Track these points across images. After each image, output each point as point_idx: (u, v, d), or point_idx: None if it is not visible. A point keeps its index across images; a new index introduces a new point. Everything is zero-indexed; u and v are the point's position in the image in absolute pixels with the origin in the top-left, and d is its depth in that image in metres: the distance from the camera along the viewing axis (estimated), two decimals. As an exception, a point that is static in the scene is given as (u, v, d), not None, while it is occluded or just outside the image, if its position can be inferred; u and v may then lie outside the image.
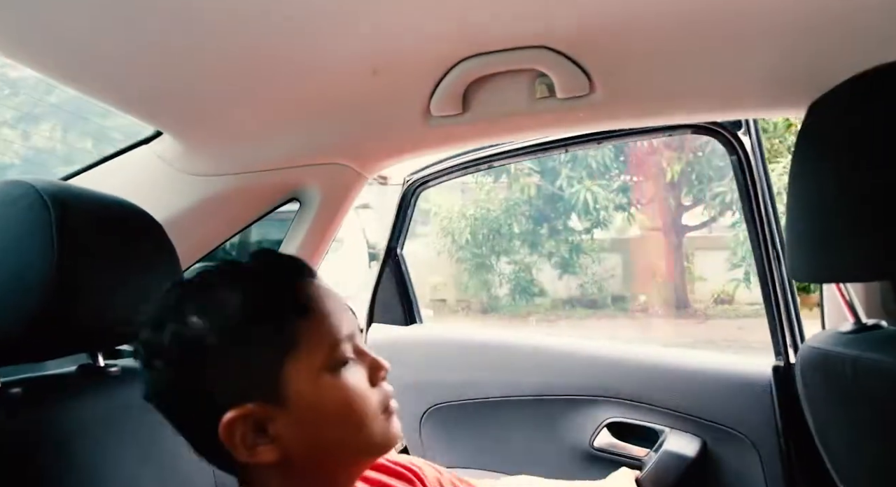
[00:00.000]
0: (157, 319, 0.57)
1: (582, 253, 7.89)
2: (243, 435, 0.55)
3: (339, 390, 0.57)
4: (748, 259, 6.51)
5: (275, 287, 0.58)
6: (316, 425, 0.56)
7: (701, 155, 6.86)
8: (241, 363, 0.55)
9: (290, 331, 0.56)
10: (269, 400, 0.55)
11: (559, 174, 7.10)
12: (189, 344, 0.55)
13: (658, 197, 7.24)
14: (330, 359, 0.57)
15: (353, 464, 0.62)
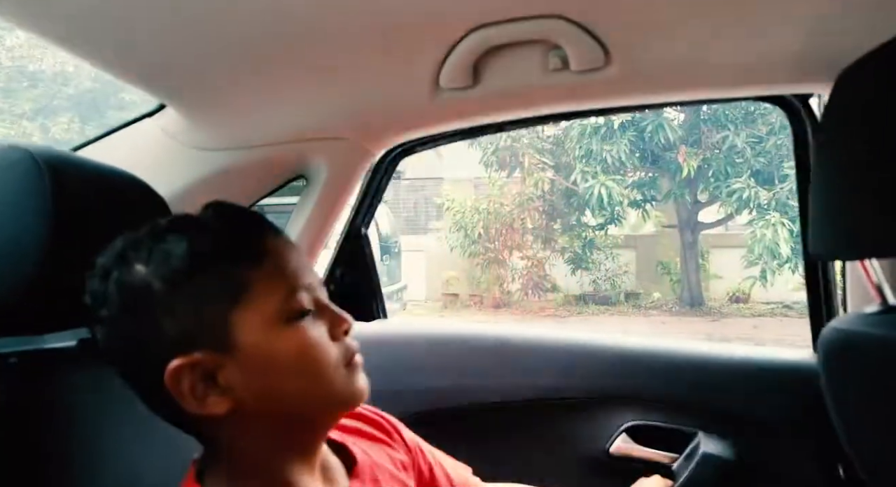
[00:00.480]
0: (103, 268, 0.55)
1: (595, 249, 7.84)
2: (191, 385, 0.52)
3: (293, 340, 0.55)
4: (764, 257, 6.43)
5: (224, 234, 0.56)
6: (268, 375, 0.54)
7: (718, 151, 6.78)
8: (186, 310, 0.53)
9: (240, 278, 0.54)
10: (217, 348, 0.53)
11: (573, 168, 7.05)
12: (133, 291, 0.53)
13: (674, 193, 7.16)
14: (284, 308, 0.54)
15: (316, 419, 0.59)
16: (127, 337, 0.54)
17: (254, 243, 0.56)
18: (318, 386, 0.56)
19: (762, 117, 6.70)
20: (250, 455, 0.57)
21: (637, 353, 1.16)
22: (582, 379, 1.14)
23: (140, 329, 0.53)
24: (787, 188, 6.34)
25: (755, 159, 6.57)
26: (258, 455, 0.57)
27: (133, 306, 0.53)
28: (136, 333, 0.54)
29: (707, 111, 6.96)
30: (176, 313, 0.53)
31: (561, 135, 7.35)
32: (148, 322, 0.53)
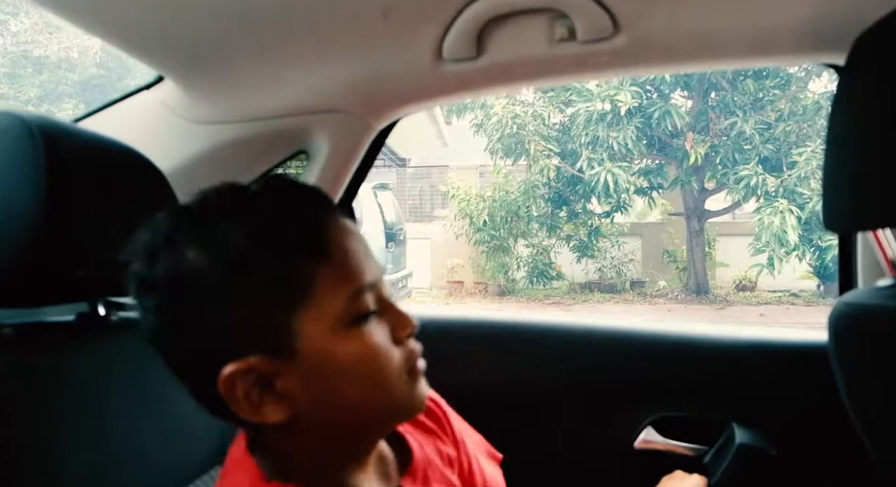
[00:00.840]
0: (149, 248, 0.49)
1: (601, 237, 7.81)
2: (247, 392, 0.48)
3: (355, 346, 0.49)
4: (772, 244, 6.38)
5: (287, 222, 0.49)
6: (330, 383, 0.49)
7: (726, 138, 6.72)
8: (243, 309, 0.47)
9: (303, 276, 0.48)
10: (275, 353, 0.48)
11: (579, 155, 7.00)
12: (185, 281, 0.47)
13: (680, 180, 7.11)
14: (348, 311, 0.49)
15: (374, 428, 0.55)
16: (177, 332, 0.49)
17: (318, 233, 0.49)
18: (379, 394, 0.51)
19: (771, 104, 6.63)
20: (302, 458, 0.53)
21: (659, 340, 1.08)
22: (603, 368, 1.07)
23: (192, 324, 0.48)
24: (796, 175, 6.29)
25: (763, 146, 6.50)
26: (310, 459, 0.53)
27: (184, 297, 0.48)
28: (187, 328, 0.48)
29: (715, 97, 6.89)
30: (231, 311, 0.47)
31: (567, 123, 7.29)
32: (201, 317, 0.48)
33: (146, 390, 0.76)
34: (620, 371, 1.08)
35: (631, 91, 6.56)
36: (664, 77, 6.53)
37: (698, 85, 6.91)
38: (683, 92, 7.07)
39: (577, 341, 1.11)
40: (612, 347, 1.09)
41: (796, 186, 6.28)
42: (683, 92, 7.07)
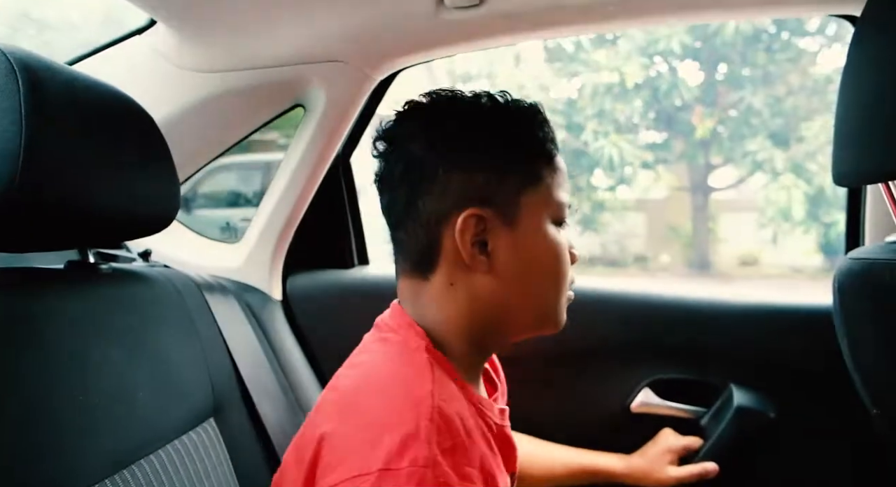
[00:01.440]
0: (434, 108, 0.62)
1: (605, 211, 7.76)
2: (473, 236, 0.58)
3: (555, 243, 0.61)
4: (777, 220, 6.34)
5: (541, 129, 0.62)
6: (526, 261, 0.59)
7: (735, 112, 6.62)
8: (495, 173, 0.58)
9: (538, 168, 0.60)
10: (504, 216, 0.59)
11: (584, 128, 6.92)
12: (461, 136, 0.59)
13: (687, 155, 7.04)
14: (557, 212, 0.61)
15: (526, 322, 0.63)
16: (434, 168, 0.59)
17: (552, 144, 0.63)
18: (552, 291, 0.62)
19: (781, 77, 6.51)
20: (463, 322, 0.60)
21: (659, 302, 1.07)
22: (599, 330, 1.06)
23: (452, 167, 0.59)
24: (804, 150, 6.21)
25: (772, 120, 6.41)
26: (467, 327, 0.60)
27: (455, 147, 0.59)
28: (445, 169, 0.59)
29: (724, 71, 6.77)
30: (486, 171, 0.58)
31: (573, 95, 7.20)
32: (461, 165, 0.59)
33: (136, 340, 0.76)
34: (618, 332, 1.07)
35: (639, 62, 6.45)
36: (672, 48, 6.42)
37: (708, 57, 6.79)
38: (693, 64, 6.95)
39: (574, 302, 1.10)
40: (609, 308, 1.08)
41: (804, 161, 6.21)
42: (693, 64, 6.95)
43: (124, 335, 0.74)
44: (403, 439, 0.48)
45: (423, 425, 0.49)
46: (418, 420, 0.49)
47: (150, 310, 0.79)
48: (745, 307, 1.04)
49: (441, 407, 0.51)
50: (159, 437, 0.72)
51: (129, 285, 0.80)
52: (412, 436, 0.48)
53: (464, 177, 0.59)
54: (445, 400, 0.52)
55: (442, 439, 0.49)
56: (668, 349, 1.04)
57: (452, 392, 0.55)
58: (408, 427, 0.49)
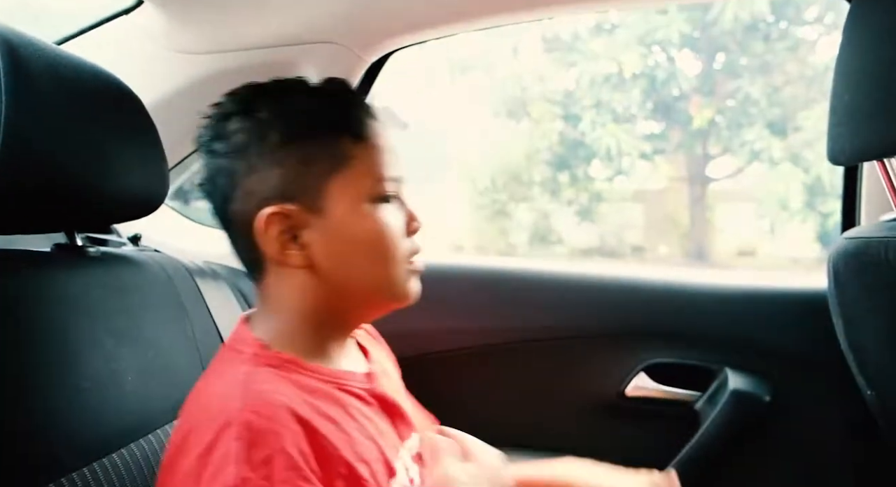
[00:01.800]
0: (226, 109, 0.61)
1: (603, 202, 7.75)
2: (280, 233, 0.58)
3: (374, 220, 0.60)
4: (774, 209, 6.34)
5: (342, 108, 0.62)
6: (345, 246, 0.59)
7: (732, 101, 6.60)
8: (294, 165, 0.58)
9: (345, 149, 0.59)
10: (309, 207, 0.58)
11: (582, 118, 6.90)
12: (251, 133, 0.59)
13: (684, 145, 7.02)
14: (373, 190, 0.60)
15: (369, 301, 0.63)
16: (233, 174, 0.59)
17: (364, 124, 0.61)
18: (383, 271, 0.61)
19: (779, 67, 6.49)
20: (300, 314, 0.61)
21: (654, 286, 1.06)
22: (595, 314, 1.06)
23: (248, 170, 0.59)
24: (802, 139, 6.20)
25: (770, 110, 6.40)
26: (306, 317, 0.61)
27: (247, 148, 0.59)
28: (243, 173, 0.59)
29: (722, 60, 6.75)
30: (283, 165, 0.58)
31: (571, 85, 7.17)
32: (256, 166, 0.58)
33: (124, 324, 0.75)
34: (613, 317, 1.06)
35: (636, 52, 6.43)
36: (670, 37, 6.39)
37: (706, 46, 6.76)
38: (691, 53, 6.93)
39: (568, 286, 1.09)
40: (605, 293, 1.08)
41: (802, 151, 6.20)
42: (691, 53, 6.93)
43: (112, 318, 0.73)
44: (214, 468, 0.49)
45: (231, 446, 0.50)
46: (227, 444, 0.50)
47: (139, 294, 0.79)
48: (741, 291, 1.04)
49: (251, 421, 0.51)
50: (149, 422, 0.71)
51: (118, 268, 0.79)
52: (222, 461, 0.49)
53: (260, 178, 0.58)
54: (259, 409, 0.52)
55: (253, 453, 0.49)
56: (663, 333, 1.04)
57: (279, 391, 0.55)
58: (218, 453, 0.50)
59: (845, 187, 0.99)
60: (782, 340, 1.00)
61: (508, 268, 1.16)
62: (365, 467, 0.56)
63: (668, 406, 1.04)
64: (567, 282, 1.11)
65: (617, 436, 1.06)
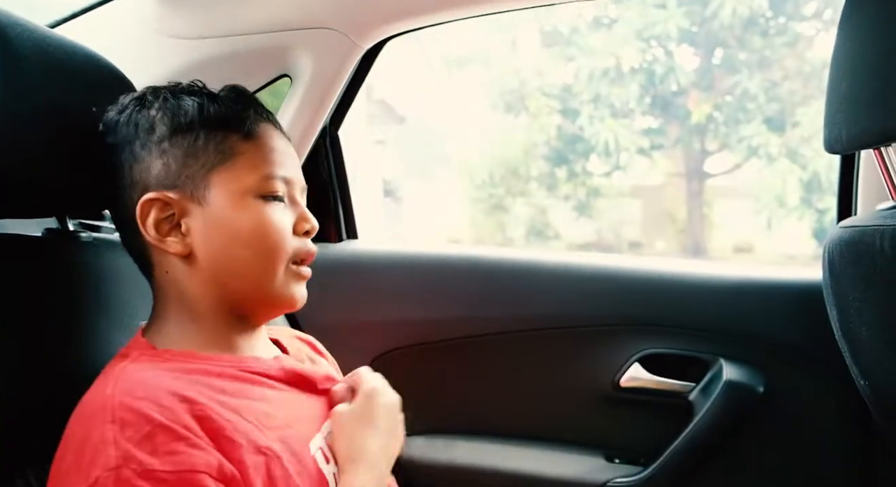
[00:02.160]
0: (122, 104, 0.63)
1: (600, 198, 7.75)
2: (157, 220, 0.59)
3: (257, 213, 0.60)
4: (771, 206, 6.35)
5: (229, 105, 0.62)
6: (225, 237, 0.60)
7: (730, 97, 6.60)
8: (177, 157, 0.60)
9: (231, 146, 0.61)
10: (191, 196, 0.59)
11: (579, 113, 6.89)
12: (140, 126, 0.60)
13: (682, 140, 7.02)
14: (259, 185, 0.60)
15: (252, 299, 0.63)
16: (121, 165, 0.61)
17: (253, 121, 0.62)
18: (263, 266, 0.61)
19: (777, 62, 6.49)
20: (187, 309, 0.61)
21: (649, 276, 1.05)
22: (588, 305, 1.05)
23: (133, 161, 0.60)
24: (799, 134, 6.21)
25: (768, 105, 6.40)
26: (200, 307, 0.61)
27: (133, 139, 0.60)
28: (128, 163, 0.60)
29: (720, 55, 6.74)
30: (167, 156, 0.59)
31: (569, 79, 7.17)
32: (141, 156, 0.60)
33: (117, 311, 0.74)
34: (607, 306, 1.06)
35: (635, 46, 6.42)
36: (669, 33, 6.38)
37: (705, 41, 6.75)
38: (689, 48, 6.92)
39: (563, 276, 1.08)
40: (598, 283, 1.07)
41: (799, 147, 6.21)
42: (689, 48, 6.92)
43: (106, 304, 0.73)
44: (91, 454, 0.48)
45: (106, 429, 0.49)
46: (101, 428, 0.49)
47: (131, 281, 0.78)
48: (736, 281, 1.04)
49: (124, 402, 0.50)
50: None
51: (111, 255, 0.78)
52: (99, 445, 0.48)
53: (144, 168, 0.60)
54: (133, 390, 0.51)
55: (132, 432, 0.48)
56: (658, 324, 1.03)
57: (157, 376, 0.54)
58: (93, 441, 0.48)
59: (842, 176, 0.99)
60: (777, 331, 0.99)
61: (501, 257, 1.15)
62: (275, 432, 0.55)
63: (662, 397, 1.04)
64: (561, 272, 1.10)
65: (611, 427, 1.05)
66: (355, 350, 1.08)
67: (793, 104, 6.35)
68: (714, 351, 1.01)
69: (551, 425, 1.08)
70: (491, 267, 1.12)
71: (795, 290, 1.00)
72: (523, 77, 7.05)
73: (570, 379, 1.07)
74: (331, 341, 0.82)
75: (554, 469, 1.03)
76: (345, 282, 1.07)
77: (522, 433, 1.08)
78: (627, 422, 1.05)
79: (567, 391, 1.07)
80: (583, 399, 1.07)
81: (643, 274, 1.07)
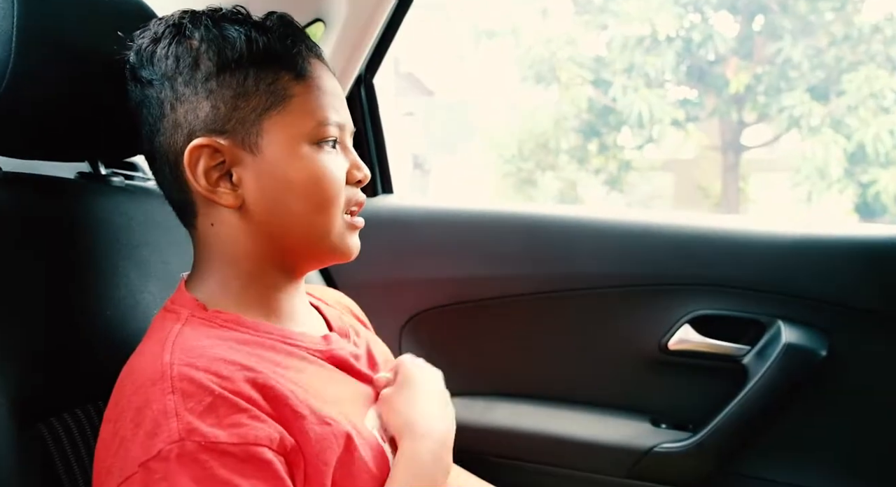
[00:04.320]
0: (156, 33, 0.55)
1: (632, 171, 7.60)
2: (207, 169, 0.54)
3: (312, 162, 0.55)
4: (812, 178, 6.14)
5: (282, 39, 0.55)
6: (279, 187, 0.55)
7: (772, 65, 6.35)
8: (226, 98, 0.54)
9: (284, 87, 0.55)
10: (242, 144, 0.54)
11: (612, 84, 6.71)
12: (182, 61, 0.54)
13: (719, 111, 6.80)
14: (314, 132, 0.55)
15: (306, 251, 0.59)
16: (161, 103, 0.54)
17: (305, 59, 0.56)
18: (319, 217, 0.57)
19: (823, 27, 6.21)
20: (235, 264, 0.57)
21: (698, 232, 0.99)
22: (636, 263, 0.99)
23: (176, 100, 0.54)
24: (844, 103, 5.95)
25: (811, 73, 6.14)
26: (247, 263, 0.57)
27: (175, 75, 0.54)
28: (170, 103, 0.54)
29: (761, 22, 6.48)
30: (215, 96, 0.53)
31: (603, 50, 6.98)
32: (185, 95, 0.54)
33: (148, 258, 0.72)
34: (654, 265, 1.00)
35: (671, 12, 6.21)
36: (708, -2, 6.16)
37: (745, 7, 6.50)
38: (729, 15, 6.67)
39: (607, 233, 1.02)
40: (645, 240, 1.01)
41: (844, 116, 5.96)
42: (729, 15, 6.67)
43: (137, 250, 0.71)
44: (152, 425, 0.46)
45: (167, 400, 0.46)
46: (162, 399, 0.47)
47: (163, 228, 0.76)
48: (797, 238, 0.97)
49: (183, 372, 0.48)
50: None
51: (142, 201, 0.76)
52: (160, 417, 0.46)
53: (189, 109, 0.53)
54: (192, 361, 0.49)
55: (193, 403, 0.46)
56: (710, 283, 0.97)
57: (211, 346, 0.51)
58: (153, 411, 0.46)
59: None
60: (843, 291, 0.92)
61: (543, 214, 1.09)
62: (331, 407, 0.53)
63: (713, 360, 0.98)
64: (605, 228, 1.04)
65: (657, 391, 1.00)
66: (390, 309, 1.06)
67: (839, 71, 6.08)
68: (771, 313, 0.95)
69: (594, 388, 1.03)
70: (532, 224, 1.07)
71: (864, 247, 0.93)
72: (554, 47, 6.89)
73: (614, 342, 1.02)
74: (365, 300, 0.79)
75: (597, 434, 0.99)
76: (380, 239, 1.03)
77: (564, 396, 1.04)
78: (675, 386, 1.00)
79: (611, 353, 1.03)
80: (627, 362, 1.02)
81: (692, 230, 1.01)
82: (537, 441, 1.01)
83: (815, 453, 0.96)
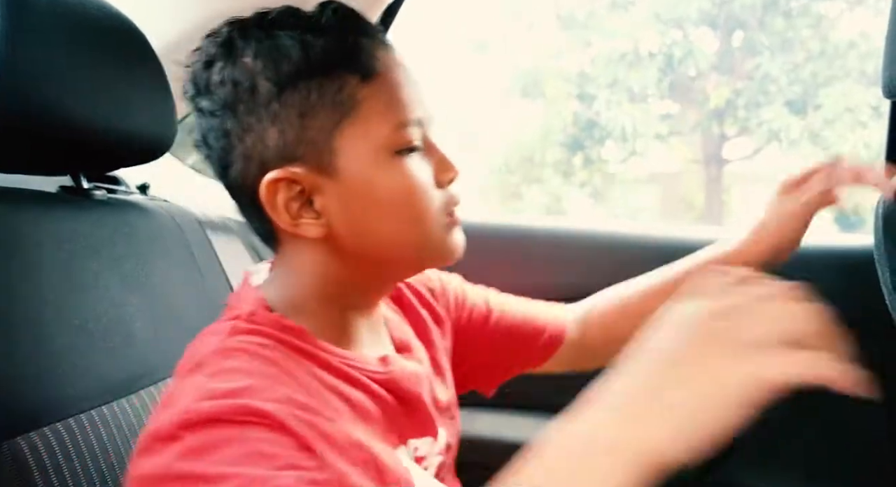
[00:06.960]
0: (208, 55, 0.51)
1: (617, 185, 7.66)
2: (287, 202, 0.49)
3: (398, 176, 0.50)
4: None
5: (343, 42, 0.50)
6: (366, 210, 0.50)
7: (750, 80, 6.47)
8: (292, 119, 0.49)
9: (350, 93, 0.49)
10: (318, 168, 0.49)
11: (596, 98, 6.79)
12: (238, 87, 0.49)
13: (701, 125, 6.90)
14: (393, 138, 0.50)
15: (403, 267, 0.56)
16: (227, 134, 0.50)
17: (372, 58, 0.50)
18: (414, 233, 0.52)
19: (800, 43, 6.35)
20: (316, 287, 0.53)
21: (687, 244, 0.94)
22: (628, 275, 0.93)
23: (241, 130, 0.49)
24: (822, 117, 6.07)
25: (789, 88, 6.26)
26: (322, 289, 0.53)
27: (236, 103, 0.49)
28: (236, 133, 0.50)
29: (741, 37, 6.61)
30: (280, 120, 0.49)
31: (587, 64, 7.07)
32: (250, 124, 0.49)
33: (132, 269, 0.72)
34: None
35: (653, 29, 6.31)
36: (688, 15, 6.27)
37: (724, 24, 6.62)
38: (709, 31, 6.79)
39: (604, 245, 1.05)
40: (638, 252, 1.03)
41: (822, 130, 6.08)
42: (709, 31, 6.79)
43: (119, 262, 0.71)
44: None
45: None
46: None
47: (146, 241, 0.76)
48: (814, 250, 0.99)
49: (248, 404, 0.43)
50: (158, 369, 0.68)
51: (125, 214, 0.76)
52: None
53: (256, 138, 0.49)
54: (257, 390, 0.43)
55: None
56: None
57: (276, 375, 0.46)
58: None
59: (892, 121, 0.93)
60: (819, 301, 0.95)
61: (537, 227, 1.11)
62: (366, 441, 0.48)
63: None
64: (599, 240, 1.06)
65: None
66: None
67: (815, 86, 6.20)
68: None
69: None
70: (523, 236, 1.09)
71: (841, 258, 0.96)
72: (539, 62, 6.97)
73: None
74: None
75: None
76: None
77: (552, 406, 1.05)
78: None
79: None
80: None
81: (679, 242, 1.02)
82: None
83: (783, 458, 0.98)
